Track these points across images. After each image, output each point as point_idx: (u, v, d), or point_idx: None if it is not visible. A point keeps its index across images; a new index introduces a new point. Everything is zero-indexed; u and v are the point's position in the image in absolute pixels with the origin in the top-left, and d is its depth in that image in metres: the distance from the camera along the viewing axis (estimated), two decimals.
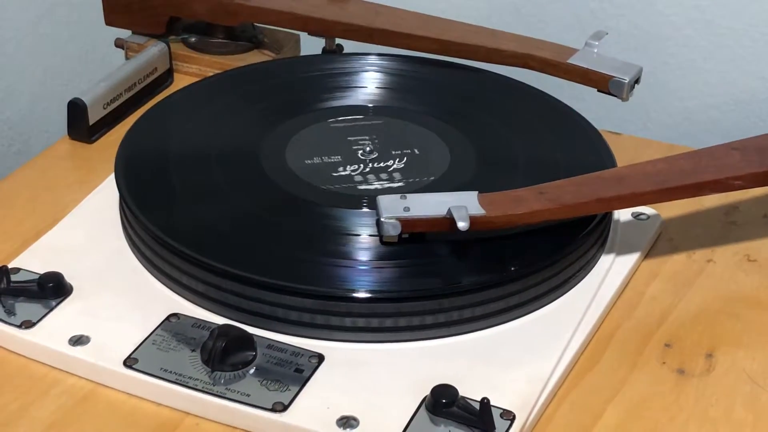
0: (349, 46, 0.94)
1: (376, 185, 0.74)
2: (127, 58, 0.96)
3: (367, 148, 0.78)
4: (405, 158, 0.77)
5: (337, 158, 0.77)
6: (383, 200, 0.68)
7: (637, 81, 0.84)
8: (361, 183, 0.74)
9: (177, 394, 0.64)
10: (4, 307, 0.69)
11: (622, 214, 0.78)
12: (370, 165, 0.76)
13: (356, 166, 0.76)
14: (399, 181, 0.75)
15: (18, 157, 1.08)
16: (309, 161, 0.77)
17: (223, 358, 0.64)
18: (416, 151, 0.78)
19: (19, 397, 0.65)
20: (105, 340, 0.67)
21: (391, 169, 0.76)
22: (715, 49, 1.01)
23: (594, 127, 0.81)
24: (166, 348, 0.66)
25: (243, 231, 0.71)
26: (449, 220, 0.67)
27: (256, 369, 0.65)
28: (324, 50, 0.94)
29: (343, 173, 0.75)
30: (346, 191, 0.74)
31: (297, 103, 0.83)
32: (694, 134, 1.04)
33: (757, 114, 1.02)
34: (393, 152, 0.78)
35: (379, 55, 0.88)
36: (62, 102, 0.87)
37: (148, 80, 0.92)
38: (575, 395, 0.66)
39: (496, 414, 0.61)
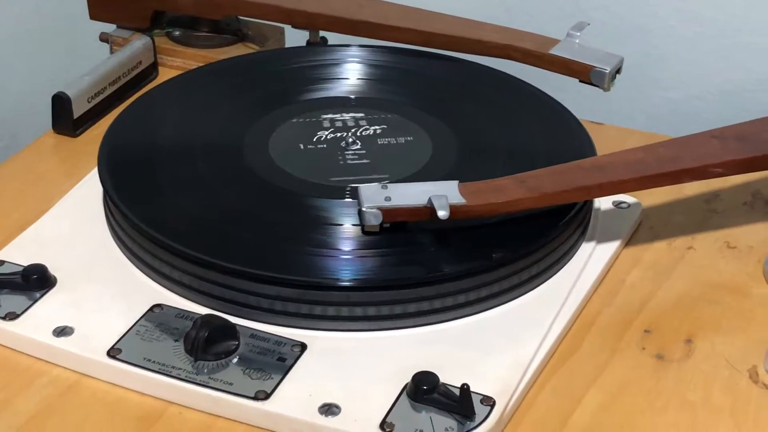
0: (333, 38, 0.95)
1: (359, 175, 0.75)
2: (111, 52, 0.96)
3: (350, 139, 0.78)
4: (388, 148, 0.78)
5: (320, 149, 0.77)
6: (364, 190, 0.68)
7: (618, 71, 0.85)
8: (343, 173, 0.75)
9: (161, 384, 0.64)
10: None
11: (603, 203, 0.78)
12: (353, 155, 0.77)
13: (339, 157, 0.77)
14: (382, 171, 0.75)
15: (6, 152, 1.09)
16: (292, 152, 0.77)
17: (206, 347, 0.64)
18: (399, 141, 0.78)
19: (4, 389, 0.65)
20: (89, 330, 0.67)
21: (374, 159, 0.76)
22: (698, 39, 1.02)
23: (575, 117, 0.82)
24: (149, 338, 0.66)
25: (225, 222, 0.71)
26: (430, 209, 0.67)
27: (239, 358, 0.65)
28: (308, 42, 0.94)
29: (325, 163, 0.76)
30: (329, 182, 0.74)
31: (281, 95, 0.84)
32: (678, 125, 1.04)
33: (740, 104, 1.03)
34: (376, 142, 0.78)
35: (362, 46, 0.89)
36: (49, 97, 0.87)
37: (133, 74, 0.92)
38: (556, 381, 0.66)
39: (476, 400, 0.62)
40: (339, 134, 0.79)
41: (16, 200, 0.80)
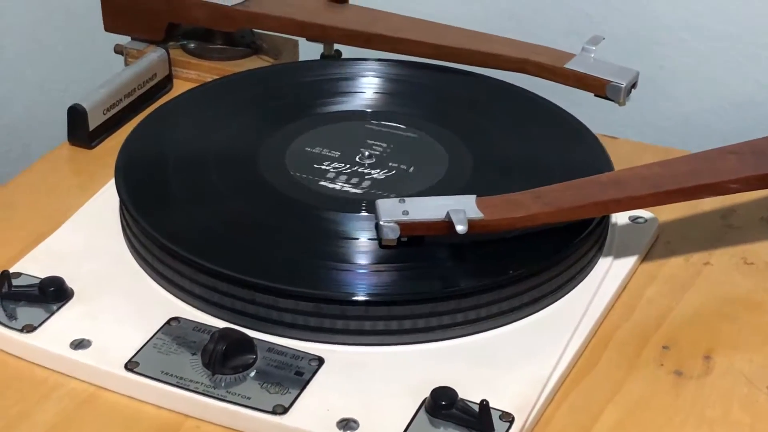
0: (347, 51, 0.95)
1: (374, 192, 0.75)
2: (126, 64, 0.96)
3: (366, 153, 0.78)
4: (403, 163, 0.78)
5: (336, 163, 0.77)
6: (382, 204, 0.68)
7: (634, 85, 0.85)
8: (359, 186, 0.75)
9: (178, 397, 0.64)
10: (5, 311, 0.69)
11: (620, 218, 0.78)
12: (369, 169, 0.77)
13: (354, 171, 0.77)
14: (398, 184, 0.75)
15: (17, 163, 1.09)
16: (307, 165, 0.77)
17: (223, 361, 0.64)
18: (415, 155, 0.78)
19: (21, 401, 0.65)
20: (106, 343, 0.67)
21: (390, 173, 0.77)
22: (710, 53, 1.02)
23: (591, 131, 0.82)
24: (167, 351, 0.66)
25: (243, 235, 0.71)
26: (448, 224, 0.67)
27: (256, 372, 0.65)
28: (322, 56, 0.94)
29: (341, 177, 0.76)
30: (345, 195, 0.74)
31: (295, 108, 0.84)
32: (691, 138, 1.04)
33: (753, 117, 1.03)
34: (391, 156, 0.78)
35: (376, 60, 0.89)
36: (61, 108, 0.87)
37: (148, 86, 0.92)
38: (574, 397, 0.66)
39: (495, 416, 0.62)
40: (354, 147, 0.79)
41: (31, 212, 0.80)
